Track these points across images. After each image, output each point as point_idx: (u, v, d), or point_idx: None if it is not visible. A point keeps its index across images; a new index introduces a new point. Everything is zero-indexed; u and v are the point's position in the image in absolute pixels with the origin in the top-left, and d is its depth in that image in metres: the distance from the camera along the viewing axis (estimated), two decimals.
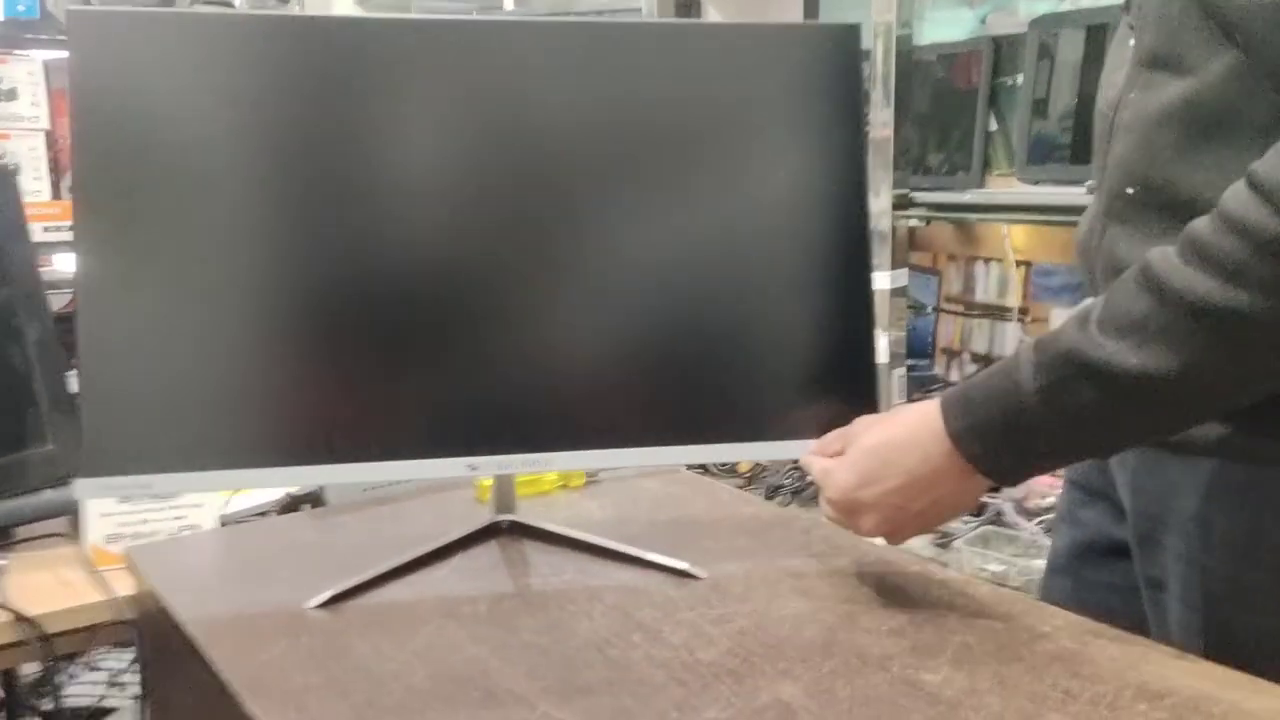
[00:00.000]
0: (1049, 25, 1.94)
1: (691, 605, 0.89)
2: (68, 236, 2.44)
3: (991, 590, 0.90)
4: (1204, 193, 0.78)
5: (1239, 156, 0.76)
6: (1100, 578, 0.95)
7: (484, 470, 0.92)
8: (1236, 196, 0.72)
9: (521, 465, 0.92)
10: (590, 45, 0.93)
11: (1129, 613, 0.88)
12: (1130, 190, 0.84)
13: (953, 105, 2.10)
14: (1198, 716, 0.71)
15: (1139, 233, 0.83)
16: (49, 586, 1.14)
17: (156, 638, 1.00)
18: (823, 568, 0.96)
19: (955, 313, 2.20)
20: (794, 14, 2.77)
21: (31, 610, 1.08)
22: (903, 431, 0.84)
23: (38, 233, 2.34)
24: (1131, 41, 0.86)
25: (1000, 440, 0.80)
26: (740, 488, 1.82)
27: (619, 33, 0.95)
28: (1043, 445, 0.79)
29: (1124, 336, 0.74)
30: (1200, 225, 0.73)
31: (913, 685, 0.76)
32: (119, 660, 2.12)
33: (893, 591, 0.91)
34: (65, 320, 2.44)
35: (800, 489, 2.10)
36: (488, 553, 1.00)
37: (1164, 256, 0.74)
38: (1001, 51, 2.04)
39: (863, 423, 0.89)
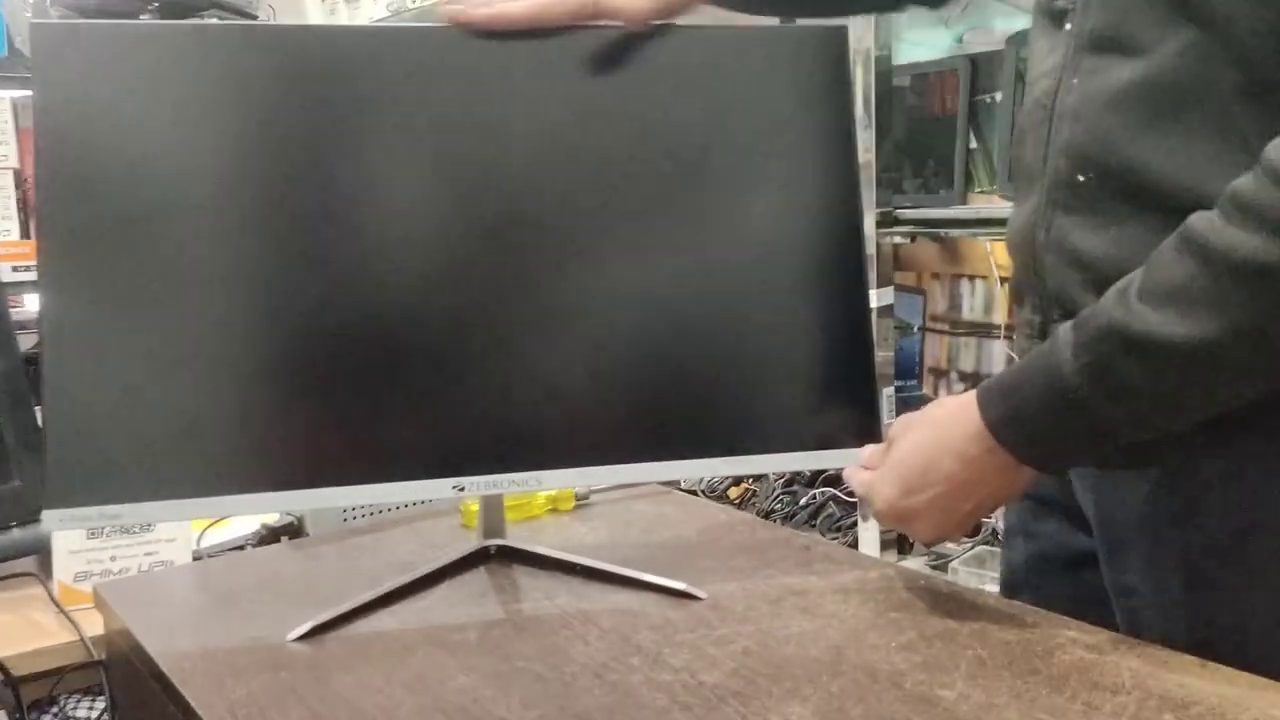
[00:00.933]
0: (1025, 42, 1.93)
1: (691, 627, 0.85)
2: (36, 276, 2.41)
3: (1001, 602, 0.87)
4: (1172, 173, 0.76)
5: (1205, 133, 0.74)
6: (1061, 590, 0.92)
7: (471, 490, 0.88)
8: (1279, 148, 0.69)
9: (510, 484, 0.89)
10: (563, 54, 0.90)
11: (1095, 624, 0.84)
12: (1082, 178, 0.81)
13: (932, 125, 2.09)
14: None
15: (1093, 220, 0.80)
16: (16, 627, 1.10)
17: (127, 678, 0.96)
18: (825, 585, 0.92)
19: (941, 331, 2.17)
20: None
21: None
22: (938, 434, 0.82)
23: (6, 272, 2.30)
24: (1068, 26, 0.83)
25: (1042, 426, 0.77)
26: None
27: (594, 41, 0.91)
28: (1088, 427, 0.76)
29: (1167, 305, 0.71)
30: (1242, 183, 0.70)
31: (928, 702, 0.72)
32: (91, 709, 2.05)
33: (900, 607, 0.87)
34: (34, 361, 2.39)
35: (792, 514, 2.07)
36: (476, 579, 0.96)
37: (1204, 218, 0.71)
38: (979, 69, 2.03)
39: (900, 424, 0.86)
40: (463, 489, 0.88)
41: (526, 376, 0.89)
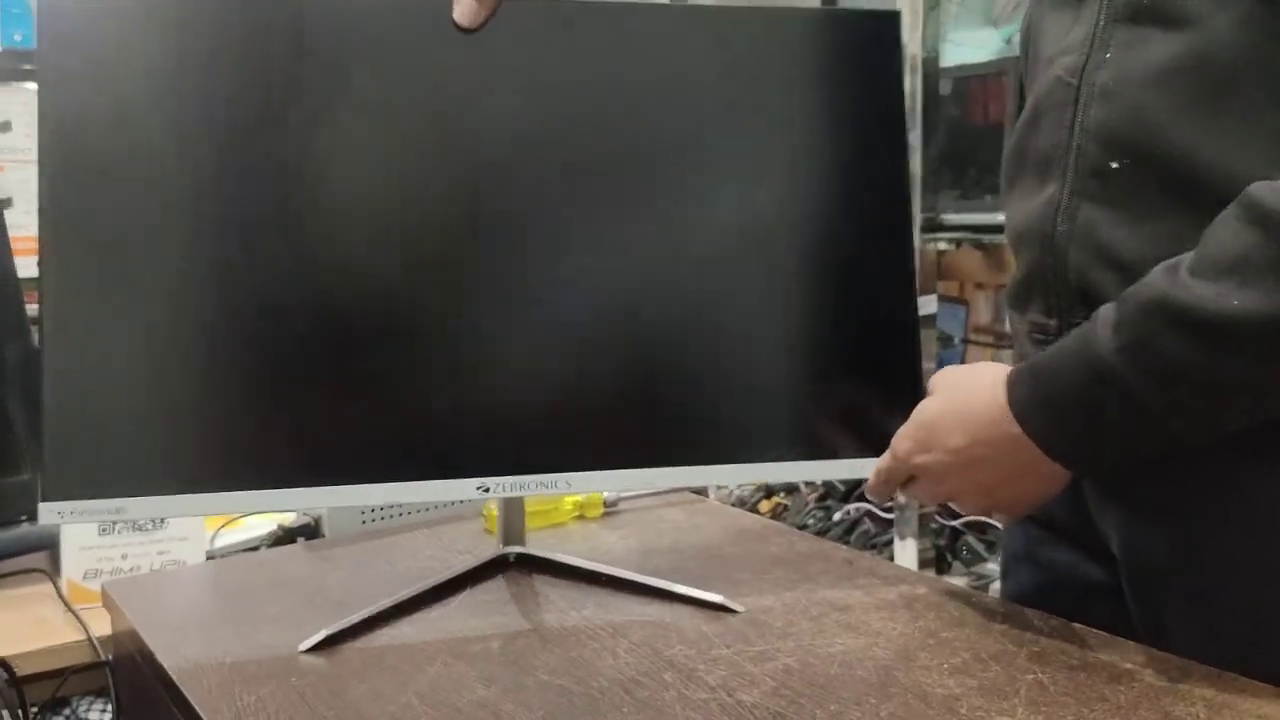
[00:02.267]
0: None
1: (728, 642, 0.80)
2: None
3: (1061, 624, 0.81)
4: (1223, 161, 0.69)
5: (1264, 116, 0.68)
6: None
7: (495, 491, 0.83)
8: None
9: (536, 486, 0.83)
10: (591, 28, 0.84)
11: None
12: (1115, 164, 0.74)
13: (979, 128, 2.03)
14: None
15: (1128, 213, 0.73)
16: (22, 625, 1.05)
17: (133, 681, 0.91)
18: (870, 600, 0.87)
19: (985, 344, 2.11)
20: None
21: (1, 650, 0.98)
22: (958, 404, 0.78)
23: (29, 266, 2.28)
24: None
25: (1072, 412, 0.70)
26: None
27: (626, 14, 0.85)
28: (1124, 416, 0.69)
29: (1223, 277, 0.64)
30: None
31: None
32: (104, 712, 2.02)
33: (951, 625, 0.82)
34: None
35: (826, 529, 2.01)
36: (497, 587, 0.91)
37: (1268, 187, 0.65)
38: None
39: (938, 378, 0.83)
40: (487, 490, 0.83)
41: (554, 378, 0.84)
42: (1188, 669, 0.74)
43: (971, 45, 2.06)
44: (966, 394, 0.78)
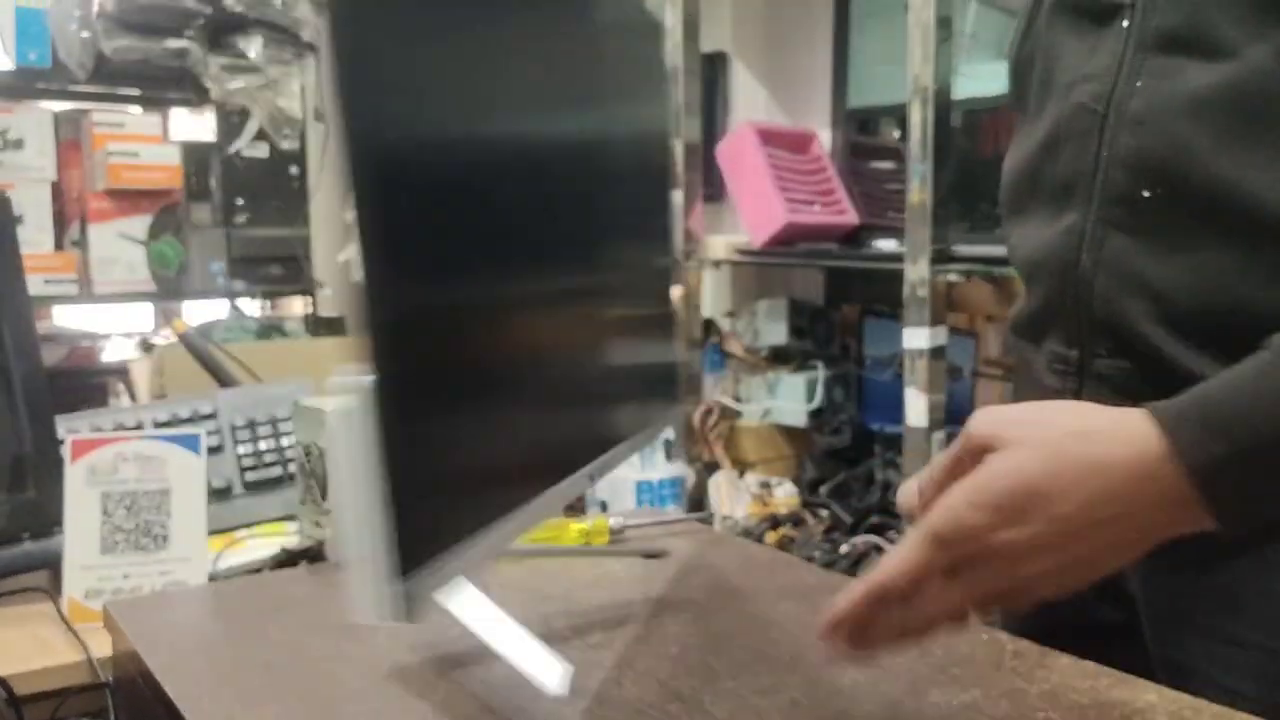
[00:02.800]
0: None
1: (734, 674, 0.79)
2: (69, 289, 2.39)
3: (1072, 662, 0.80)
4: (1264, 192, 0.68)
5: None
6: None
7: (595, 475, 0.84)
8: None
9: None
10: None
11: None
12: (1147, 193, 0.73)
13: (990, 160, 2.03)
14: None
15: (1161, 243, 0.72)
16: (21, 644, 1.04)
17: (134, 703, 0.90)
18: None
19: (995, 377, 2.10)
20: (823, 74, 2.73)
21: (3, 670, 0.98)
22: (1076, 453, 0.60)
23: (38, 285, 2.28)
24: (1124, 23, 0.75)
25: (1274, 477, 0.59)
26: None
27: None
28: None
29: None
30: None
31: None
32: None
33: (962, 662, 0.80)
34: (61, 375, 2.35)
35: (832, 561, 2.00)
36: None
37: None
38: None
39: (992, 425, 0.62)
40: (591, 477, 0.83)
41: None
42: (1199, 708, 0.73)
43: (983, 78, 2.07)
44: (1087, 446, 0.61)
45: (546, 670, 0.70)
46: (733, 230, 2.76)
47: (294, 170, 2.61)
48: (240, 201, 2.54)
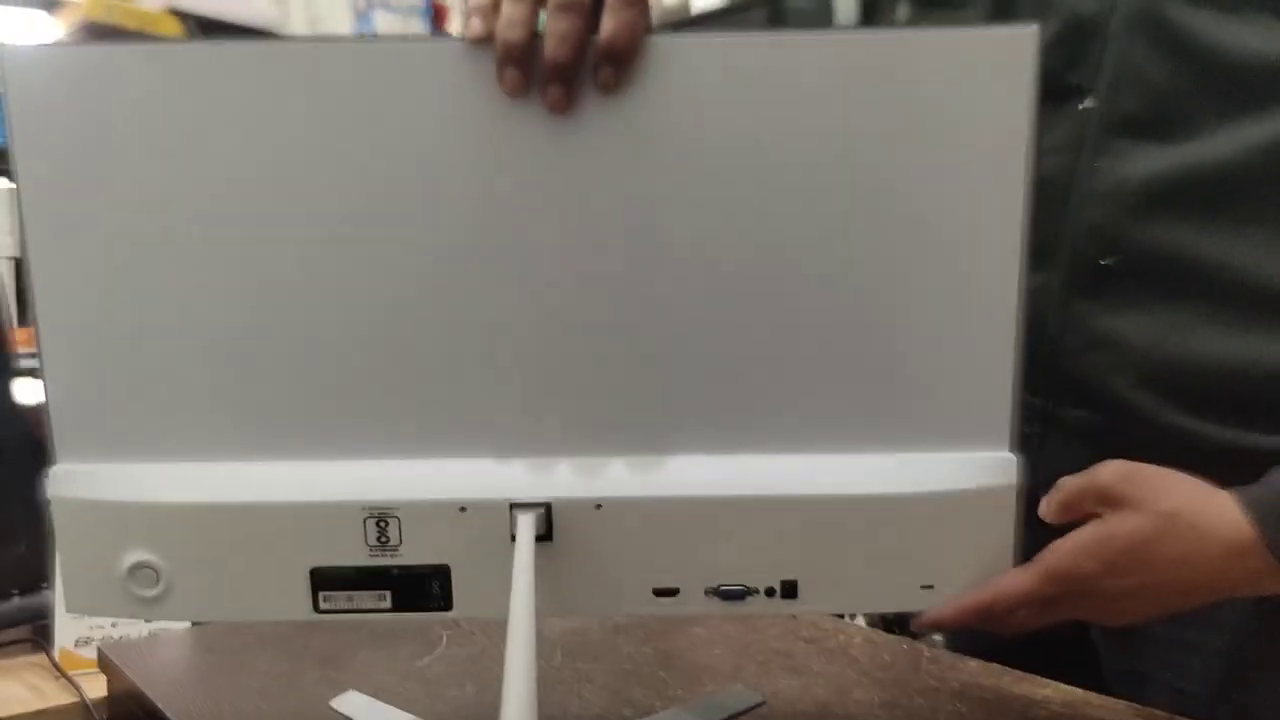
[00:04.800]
0: None
1: (682, 685, 0.88)
2: (33, 363, 2.45)
3: (981, 665, 0.90)
4: (1220, 259, 0.75)
5: (1263, 219, 0.74)
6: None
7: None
8: None
9: None
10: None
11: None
12: (1106, 262, 0.80)
13: None
14: None
15: (1121, 302, 0.79)
16: (16, 691, 1.11)
17: None
18: (812, 648, 0.96)
19: None
20: None
21: None
22: (1196, 522, 0.69)
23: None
24: (1086, 104, 0.80)
25: None
26: None
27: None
28: None
29: None
30: None
31: None
32: None
33: (884, 668, 0.91)
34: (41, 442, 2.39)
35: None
36: (468, 638, 0.99)
37: None
38: None
39: (1122, 480, 0.70)
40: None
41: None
42: (1089, 700, 0.83)
43: None
44: (1189, 517, 0.69)
45: None
46: None
47: None
48: None
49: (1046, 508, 0.72)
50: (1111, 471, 0.71)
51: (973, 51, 0.70)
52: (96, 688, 1.08)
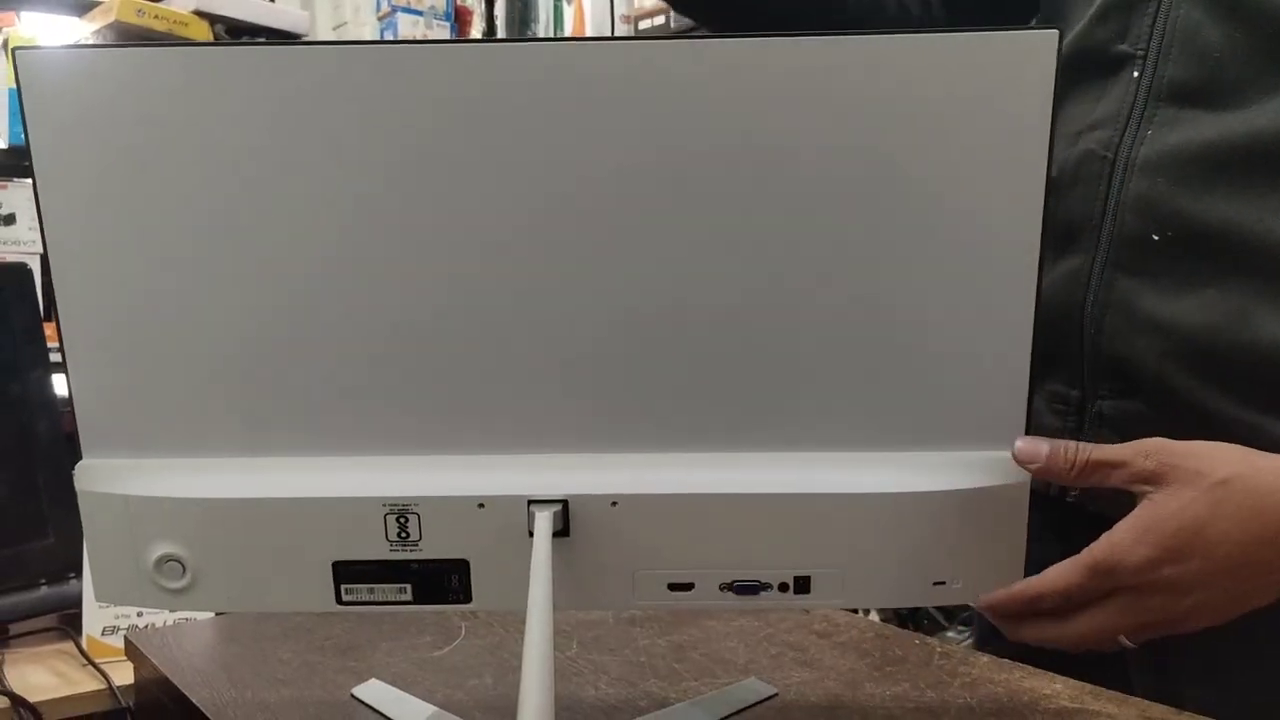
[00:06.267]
0: None
1: (696, 677, 0.90)
2: (50, 360, 2.49)
3: (992, 660, 0.92)
4: (1270, 231, 0.71)
5: None
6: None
7: None
8: None
9: None
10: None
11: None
12: (1157, 236, 0.76)
13: None
14: None
15: (1169, 282, 0.75)
16: (46, 678, 1.14)
17: None
18: (825, 642, 0.97)
19: None
20: None
21: (29, 699, 1.07)
22: (1244, 490, 0.64)
23: None
24: (1134, 74, 0.78)
25: None
26: None
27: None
28: None
29: None
30: None
31: None
32: None
33: (896, 662, 0.92)
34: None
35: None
36: (487, 629, 1.01)
37: None
38: None
39: (1162, 459, 0.66)
40: None
41: None
42: (1098, 693, 0.84)
43: None
44: (1246, 481, 0.64)
45: None
46: None
47: None
48: None
49: (1065, 459, 0.68)
50: (1151, 447, 0.66)
51: (995, 54, 0.70)
52: (123, 675, 1.10)
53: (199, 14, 2.42)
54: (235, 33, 2.48)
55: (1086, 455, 0.67)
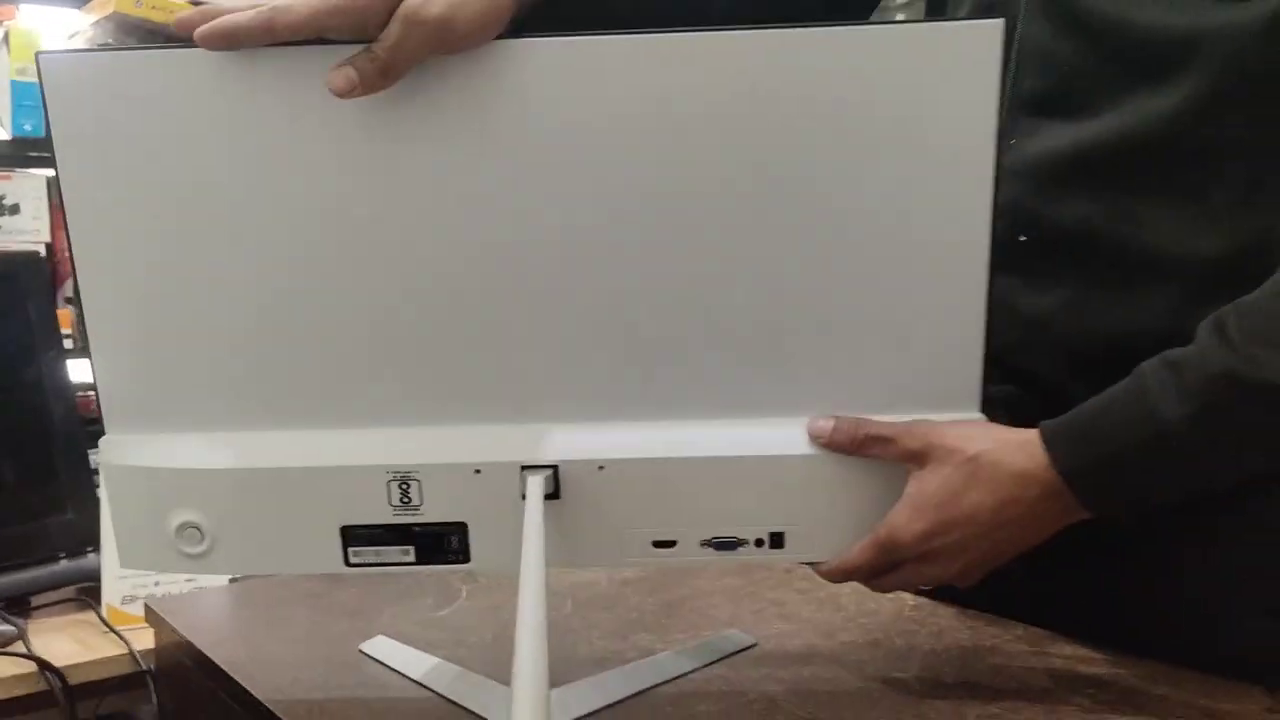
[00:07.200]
0: None
1: (683, 630, 0.96)
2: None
3: (958, 611, 0.98)
4: (1119, 233, 0.80)
5: (1155, 190, 0.78)
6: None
7: None
8: None
9: None
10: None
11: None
12: (1024, 238, 0.84)
13: None
14: (1128, 704, 0.79)
15: (1034, 280, 0.84)
16: (68, 645, 1.20)
17: (178, 685, 1.06)
18: (804, 598, 1.03)
19: None
20: None
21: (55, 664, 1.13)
22: (980, 471, 0.76)
23: None
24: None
25: (1135, 477, 0.74)
26: None
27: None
28: (1186, 477, 0.75)
29: None
30: None
31: (887, 681, 0.83)
32: None
33: (870, 614, 0.98)
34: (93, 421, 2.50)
35: None
36: (490, 588, 1.07)
37: None
38: None
39: (921, 442, 0.77)
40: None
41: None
42: (1054, 639, 0.91)
43: None
44: (993, 457, 0.76)
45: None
46: None
47: None
48: None
49: (846, 434, 0.78)
50: (919, 428, 0.78)
51: (943, 43, 0.76)
52: (141, 641, 1.17)
53: (195, 4, 2.46)
54: None
55: (865, 430, 0.78)
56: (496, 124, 0.78)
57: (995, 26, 0.75)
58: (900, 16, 2.44)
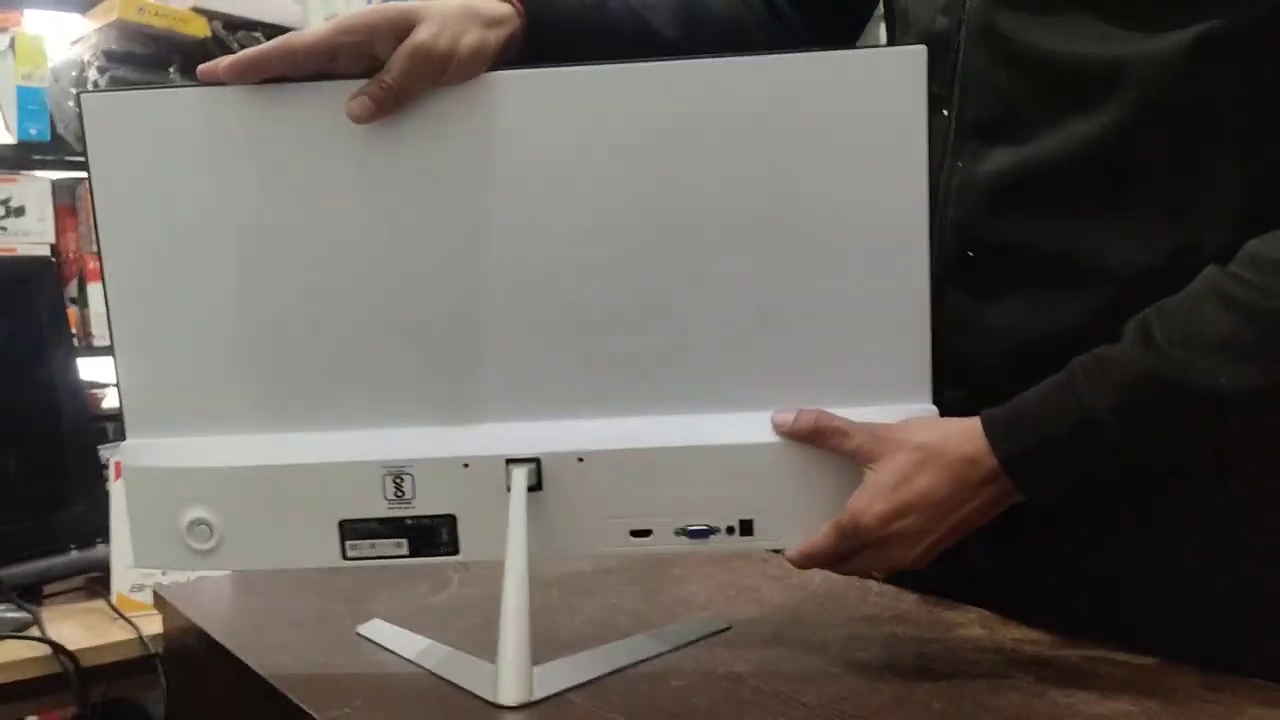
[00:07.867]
0: None
1: (663, 617, 1.02)
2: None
3: (919, 597, 1.04)
4: (1057, 248, 0.86)
5: (1090, 208, 0.85)
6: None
7: None
8: None
9: None
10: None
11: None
12: (972, 253, 0.90)
13: None
14: (1069, 681, 0.85)
15: (984, 292, 0.90)
16: (80, 631, 1.26)
17: (185, 668, 1.12)
18: (776, 585, 1.10)
19: None
20: None
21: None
22: (931, 458, 0.82)
23: None
24: (944, 112, 0.91)
25: (1064, 466, 0.81)
26: None
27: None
28: (1114, 465, 0.81)
29: (1208, 355, 0.76)
30: (1270, 241, 0.78)
31: (848, 661, 0.89)
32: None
33: (837, 599, 1.04)
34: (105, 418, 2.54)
35: None
36: (476, 579, 1.13)
37: (1234, 276, 0.77)
38: None
39: (871, 439, 0.84)
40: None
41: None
42: (1006, 622, 0.96)
43: None
44: (939, 443, 0.83)
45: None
46: None
47: None
48: None
49: (807, 423, 0.85)
50: (880, 430, 0.84)
51: (874, 66, 0.85)
52: (149, 627, 1.23)
53: (197, 10, 2.53)
54: (231, 27, 2.59)
55: (824, 422, 0.85)
56: (483, 147, 0.85)
57: (919, 52, 0.83)
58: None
